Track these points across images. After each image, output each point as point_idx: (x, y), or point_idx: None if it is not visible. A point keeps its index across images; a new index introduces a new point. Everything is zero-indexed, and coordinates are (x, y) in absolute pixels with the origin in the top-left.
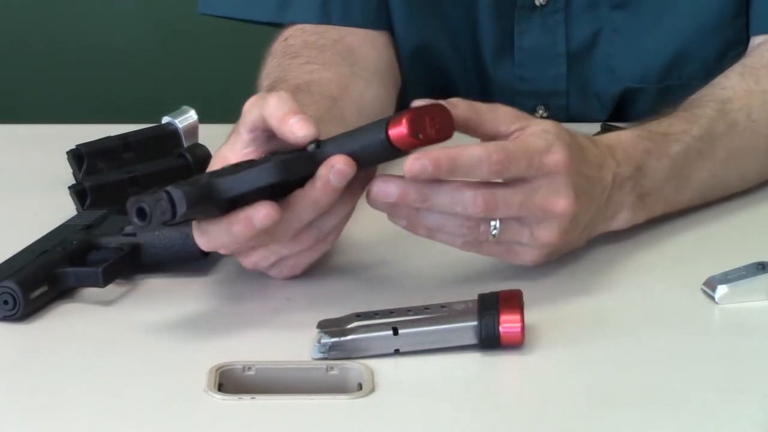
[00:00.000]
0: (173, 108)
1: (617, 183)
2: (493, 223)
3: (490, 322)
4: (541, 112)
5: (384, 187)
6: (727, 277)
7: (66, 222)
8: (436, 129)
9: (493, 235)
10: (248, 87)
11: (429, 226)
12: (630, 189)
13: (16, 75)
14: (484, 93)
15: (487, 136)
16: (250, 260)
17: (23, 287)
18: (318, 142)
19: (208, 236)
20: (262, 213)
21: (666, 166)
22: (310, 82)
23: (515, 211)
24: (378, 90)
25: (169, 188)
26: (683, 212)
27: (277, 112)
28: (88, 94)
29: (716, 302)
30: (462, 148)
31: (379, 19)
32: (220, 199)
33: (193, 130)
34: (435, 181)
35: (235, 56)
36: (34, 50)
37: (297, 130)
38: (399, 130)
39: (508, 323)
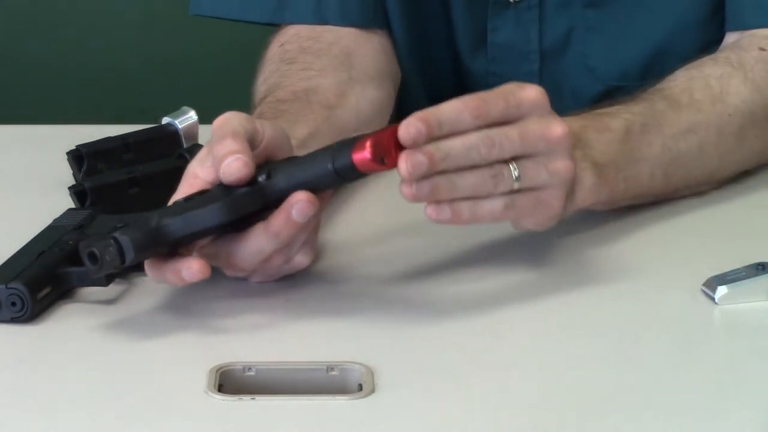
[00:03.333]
0: (173, 109)
1: None
2: (511, 166)
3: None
4: None
5: (412, 160)
6: (726, 278)
7: (53, 223)
8: (398, 150)
9: (517, 178)
10: (248, 88)
11: (465, 194)
12: (580, 156)
13: (17, 76)
14: (461, 86)
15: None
16: (227, 271)
17: (30, 288)
18: (269, 172)
19: (155, 272)
20: (192, 270)
21: (609, 139)
22: (308, 90)
23: (519, 144)
24: (375, 93)
25: (117, 235)
26: (683, 212)
27: (218, 154)
28: (88, 94)
29: (716, 303)
30: (440, 104)
31: (376, 17)
32: (169, 240)
33: (193, 131)
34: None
35: (235, 57)
36: (34, 51)
37: (227, 174)
38: (362, 155)
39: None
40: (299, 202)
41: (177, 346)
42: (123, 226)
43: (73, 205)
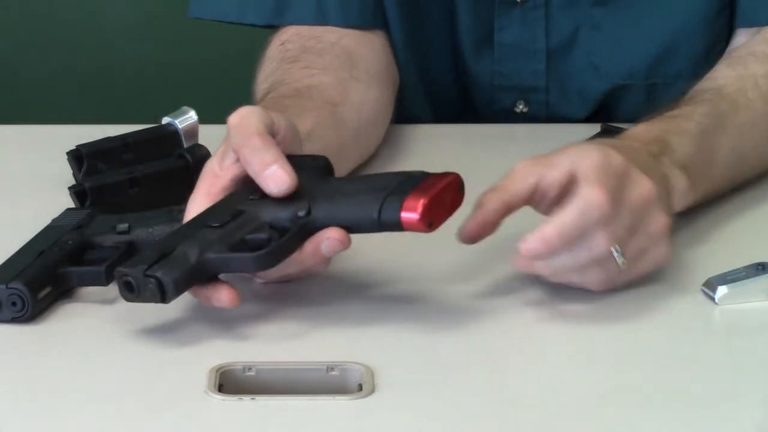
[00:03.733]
0: (173, 109)
1: (654, 156)
2: (616, 254)
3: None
4: (521, 107)
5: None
6: (726, 278)
7: (52, 223)
8: (447, 208)
9: (624, 263)
10: (248, 87)
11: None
12: (669, 162)
13: (17, 76)
14: (462, 88)
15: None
16: None
17: (31, 288)
18: (309, 208)
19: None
20: (221, 301)
21: (688, 141)
22: (311, 87)
23: (619, 231)
24: (377, 93)
25: (159, 274)
26: (684, 212)
27: (254, 163)
28: (88, 94)
29: (716, 303)
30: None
31: (375, 18)
32: (208, 276)
33: (193, 131)
34: None
35: (235, 57)
36: (34, 51)
37: (272, 185)
38: (411, 216)
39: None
40: (331, 240)
41: (177, 346)
42: (161, 259)
43: (73, 205)
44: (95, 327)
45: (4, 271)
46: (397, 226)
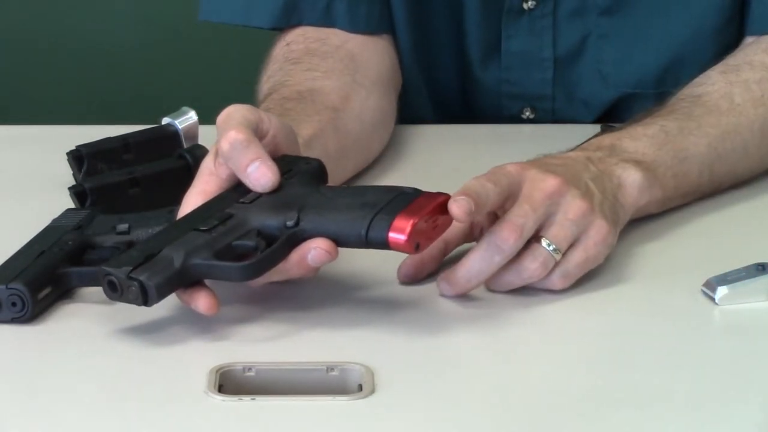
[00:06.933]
0: (173, 109)
1: (596, 159)
2: (544, 243)
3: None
4: (527, 113)
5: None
6: (727, 278)
7: (52, 223)
8: (435, 230)
9: (555, 250)
10: (248, 88)
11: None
12: (617, 160)
13: (17, 76)
14: (469, 95)
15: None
16: None
17: (31, 289)
18: (298, 217)
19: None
20: (198, 307)
21: (647, 143)
22: (313, 90)
23: (533, 215)
24: (379, 98)
25: (143, 278)
26: (683, 212)
27: (235, 159)
28: (88, 95)
29: (716, 303)
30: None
31: (382, 24)
32: (191, 280)
33: (193, 131)
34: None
35: (236, 57)
36: (34, 51)
37: (255, 182)
38: (398, 238)
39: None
40: (318, 250)
41: (177, 346)
42: (147, 260)
43: (73, 205)
44: (95, 327)
45: (4, 272)
46: (384, 245)
